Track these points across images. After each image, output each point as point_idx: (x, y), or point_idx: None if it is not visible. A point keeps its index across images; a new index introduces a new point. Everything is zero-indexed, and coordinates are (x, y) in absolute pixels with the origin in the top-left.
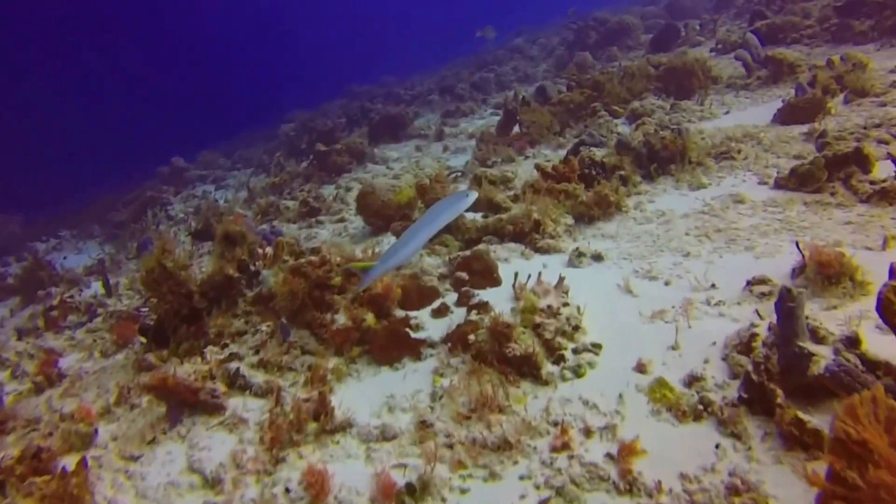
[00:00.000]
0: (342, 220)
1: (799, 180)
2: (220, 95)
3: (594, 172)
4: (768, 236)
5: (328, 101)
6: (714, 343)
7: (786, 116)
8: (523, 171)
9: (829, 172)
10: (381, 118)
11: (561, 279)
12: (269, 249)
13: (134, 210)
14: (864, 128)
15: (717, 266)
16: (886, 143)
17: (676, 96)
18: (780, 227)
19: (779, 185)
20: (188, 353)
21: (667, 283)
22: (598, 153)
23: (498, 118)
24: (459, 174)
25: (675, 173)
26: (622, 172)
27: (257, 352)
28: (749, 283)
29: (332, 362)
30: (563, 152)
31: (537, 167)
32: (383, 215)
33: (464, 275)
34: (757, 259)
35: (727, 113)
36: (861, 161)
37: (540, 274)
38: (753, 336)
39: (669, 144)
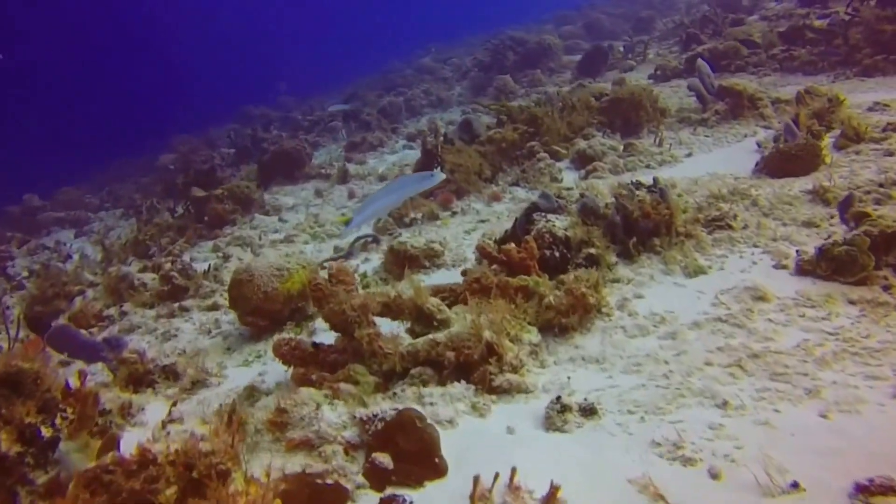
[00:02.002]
0: (215, 306)
1: (833, 266)
2: (94, 114)
3: (557, 254)
4: (829, 367)
5: (218, 126)
6: None
7: (774, 166)
8: (452, 235)
9: (875, 256)
10: (275, 155)
11: (553, 492)
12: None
13: None
14: (881, 185)
15: (779, 432)
16: None
17: (622, 132)
18: (839, 348)
19: (803, 270)
20: None
21: (714, 477)
22: (559, 224)
23: (411, 151)
24: (370, 239)
25: (662, 251)
26: (591, 251)
27: None
28: (860, 488)
29: None
30: (498, 207)
31: (481, 250)
32: (266, 312)
33: (385, 461)
34: (832, 417)
35: (689, 155)
36: None
37: (514, 473)
38: None
39: (651, 212)
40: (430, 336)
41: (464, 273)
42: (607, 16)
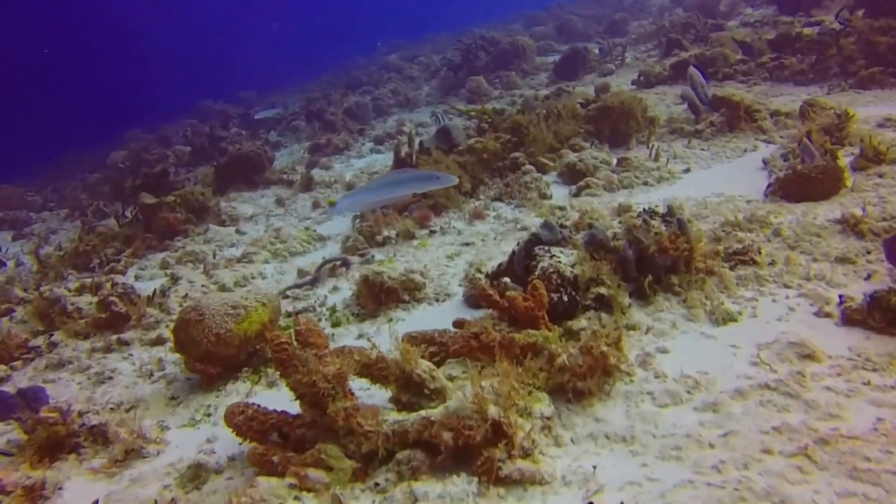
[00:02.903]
0: (159, 340)
1: (889, 318)
2: (42, 103)
3: (566, 298)
4: None
5: (174, 120)
6: None
7: (791, 189)
8: (433, 261)
9: None
10: (232, 158)
11: None
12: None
13: None
14: None
15: None
16: None
17: (611, 142)
18: None
19: (851, 319)
20: None
21: None
22: (565, 259)
23: (380, 156)
24: (339, 263)
25: (682, 291)
26: (602, 291)
27: None
28: None
29: None
30: (481, 226)
31: (480, 293)
32: (219, 358)
33: None
34: None
35: (687, 171)
36: None
37: None
38: None
39: (668, 245)
40: (423, 413)
41: (457, 324)
42: (579, 17)
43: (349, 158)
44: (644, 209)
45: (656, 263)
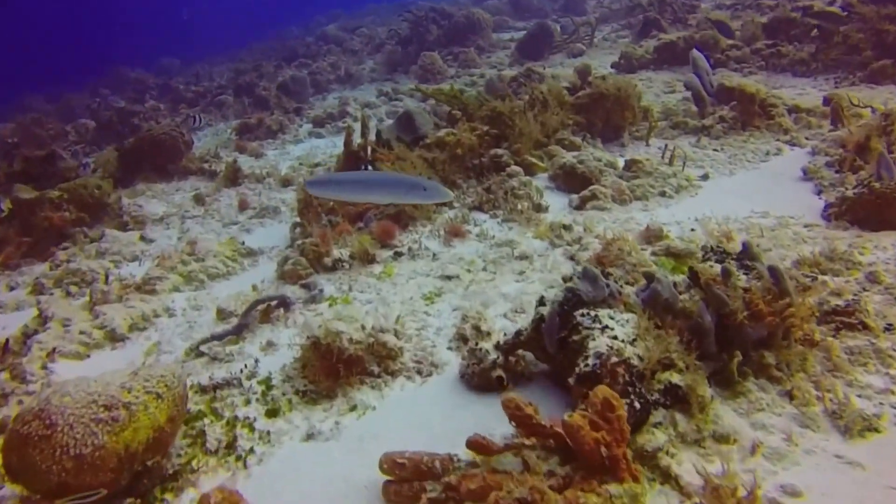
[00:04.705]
0: (3, 426)
1: None
2: None
3: (638, 403)
4: None
5: (81, 89)
6: None
7: (864, 212)
8: (405, 304)
9: None
10: (141, 141)
11: None
12: None
13: None
14: None
15: None
16: None
17: (603, 137)
18: None
19: None
20: None
21: None
22: (620, 331)
23: (321, 140)
24: (274, 303)
25: (783, 377)
26: (673, 379)
27: None
28: None
29: None
30: (462, 248)
31: (512, 411)
32: (83, 489)
33: None
34: None
35: (705, 178)
36: None
37: None
38: None
39: (762, 308)
40: None
41: (473, 446)
42: None
43: (284, 143)
44: (712, 249)
45: (745, 334)
